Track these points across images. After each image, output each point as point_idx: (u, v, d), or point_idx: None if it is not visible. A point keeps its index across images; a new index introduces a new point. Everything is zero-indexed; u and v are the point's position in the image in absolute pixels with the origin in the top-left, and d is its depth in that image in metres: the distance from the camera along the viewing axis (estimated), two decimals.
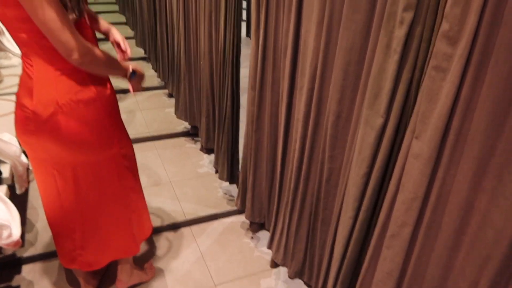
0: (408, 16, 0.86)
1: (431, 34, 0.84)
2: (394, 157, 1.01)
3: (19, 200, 2.24)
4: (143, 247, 1.98)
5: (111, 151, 1.34)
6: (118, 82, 1.39)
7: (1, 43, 2.83)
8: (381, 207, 1.04)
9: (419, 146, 0.88)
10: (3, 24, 1.09)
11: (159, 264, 1.89)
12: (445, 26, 0.77)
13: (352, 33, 1.06)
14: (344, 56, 1.10)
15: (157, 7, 3.22)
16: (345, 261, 1.24)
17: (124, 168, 1.42)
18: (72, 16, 1.08)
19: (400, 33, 0.88)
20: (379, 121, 0.99)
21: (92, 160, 1.31)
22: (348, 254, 1.22)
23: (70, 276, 1.79)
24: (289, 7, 1.33)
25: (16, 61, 2.80)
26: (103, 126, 1.28)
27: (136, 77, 1.37)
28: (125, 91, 3.41)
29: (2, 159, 1.74)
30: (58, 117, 1.18)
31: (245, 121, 1.82)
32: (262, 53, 1.55)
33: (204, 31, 2.16)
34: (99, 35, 1.36)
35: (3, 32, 2.80)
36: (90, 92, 1.21)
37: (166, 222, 2.13)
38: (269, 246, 1.80)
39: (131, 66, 1.33)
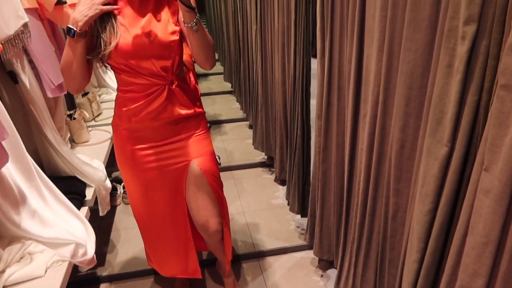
0: (471, 30, 0.75)
1: (498, 49, 0.72)
2: (462, 192, 0.87)
3: (105, 222, 2.43)
4: (211, 275, 1.98)
5: None
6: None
7: (104, 80, 3.20)
8: (449, 251, 0.89)
9: (489, 180, 0.74)
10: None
11: None
12: None
13: (413, 55, 0.97)
14: (406, 80, 1.00)
15: (241, 44, 3.37)
16: None
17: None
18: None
19: (462, 50, 0.77)
20: (443, 150, 0.86)
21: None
22: None
23: None
24: (352, 33, 1.28)
25: (115, 95, 3.13)
26: None
27: None
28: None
29: (89, 183, 1.91)
30: None
31: None
32: (327, 81, 1.50)
33: (278, 63, 2.18)
34: None
35: (106, 71, 3.17)
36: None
37: (234, 253, 2.12)
38: (336, 287, 1.67)
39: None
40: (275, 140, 2.51)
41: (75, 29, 1.14)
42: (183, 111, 1.36)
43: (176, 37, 1.27)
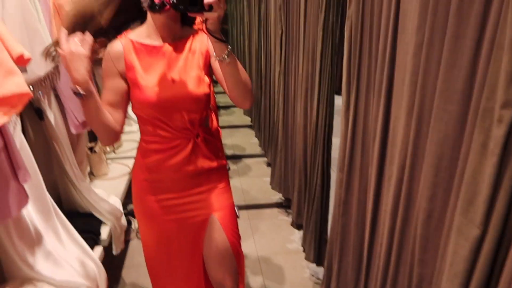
0: (508, 114, 0.72)
1: None
2: (494, 277, 0.82)
3: (118, 258, 2.40)
4: None
5: None
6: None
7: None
8: None
9: None
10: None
11: None
12: None
13: (444, 125, 0.94)
14: (436, 150, 0.97)
15: (263, 82, 3.41)
16: None
17: None
18: None
19: (498, 133, 0.74)
20: (475, 232, 0.82)
21: None
22: None
23: None
24: (379, 91, 1.26)
25: (136, 127, 3.17)
26: None
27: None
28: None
29: (104, 220, 1.90)
30: None
31: None
32: (351, 135, 1.48)
33: (300, 107, 2.18)
34: None
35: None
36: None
37: None
38: None
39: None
40: (294, 183, 2.47)
41: (79, 90, 1.07)
42: (207, 164, 1.34)
43: (207, 90, 1.26)
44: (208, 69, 1.29)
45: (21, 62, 1.16)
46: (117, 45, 1.24)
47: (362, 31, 1.37)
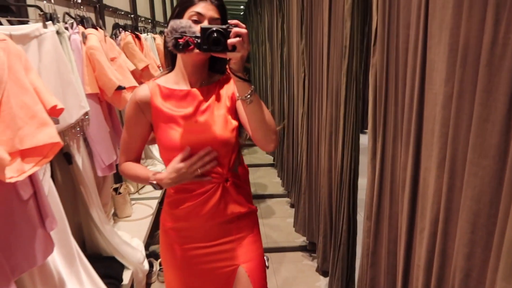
0: None
1: None
2: None
3: None
4: None
5: None
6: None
7: (151, 151, 3.30)
8: None
9: None
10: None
11: None
12: None
13: (479, 180, 0.90)
14: (471, 206, 0.93)
15: (286, 121, 3.42)
16: None
17: None
18: None
19: None
20: None
21: None
22: None
23: None
24: (407, 141, 1.23)
25: (160, 167, 3.20)
26: None
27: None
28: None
29: (126, 265, 1.88)
30: None
31: None
32: (378, 183, 1.44)
33: (325, 150, 2.15)
34: None
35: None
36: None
37: None
38: None
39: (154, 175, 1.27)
40: (318, 227, 2.41)
41: (156, 186, 1.25)
42: (237, 210, 1.31)
43: (235, 133, 1.25)
44: (235, 113, 1.28)
45: (54, 113, 1.19)
46: (144, 90, 1.25)
47: (387, 80, 1.36)
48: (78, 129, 1.63)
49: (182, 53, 1.17)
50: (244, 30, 1.02)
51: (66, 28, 1.66)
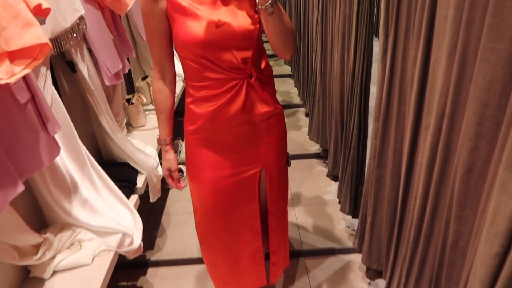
0: None
1: None
2: None
3: (157, 205, 2.49)
4: None
5: None
6: None
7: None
8: None
9: None
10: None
11: None
12: None
13: (491, 67, 0.81)
14: (480, 96, 0.85)
15: (302, 29, 3.23)
16: None
17: None
18: None
19: None
20: None
21: None
22: None
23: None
24: (419, 31, 1.12)
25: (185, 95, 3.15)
26: None
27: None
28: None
29: (140, 170, 1.94)
30: None
31: None
32: (388, 82, 1.36)
33: (337, 53, 2.04)
34: None
35: None
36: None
37: None
38: None
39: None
40: (330, 133, 2.38)
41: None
42: (264, 109, 1.24)
43: (258, 25, 1.14)
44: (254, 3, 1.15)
45: (40, 13, 1.13)
46: None
47: None
48: (75, 35, 1.57)
49: None
50: None
51: None
